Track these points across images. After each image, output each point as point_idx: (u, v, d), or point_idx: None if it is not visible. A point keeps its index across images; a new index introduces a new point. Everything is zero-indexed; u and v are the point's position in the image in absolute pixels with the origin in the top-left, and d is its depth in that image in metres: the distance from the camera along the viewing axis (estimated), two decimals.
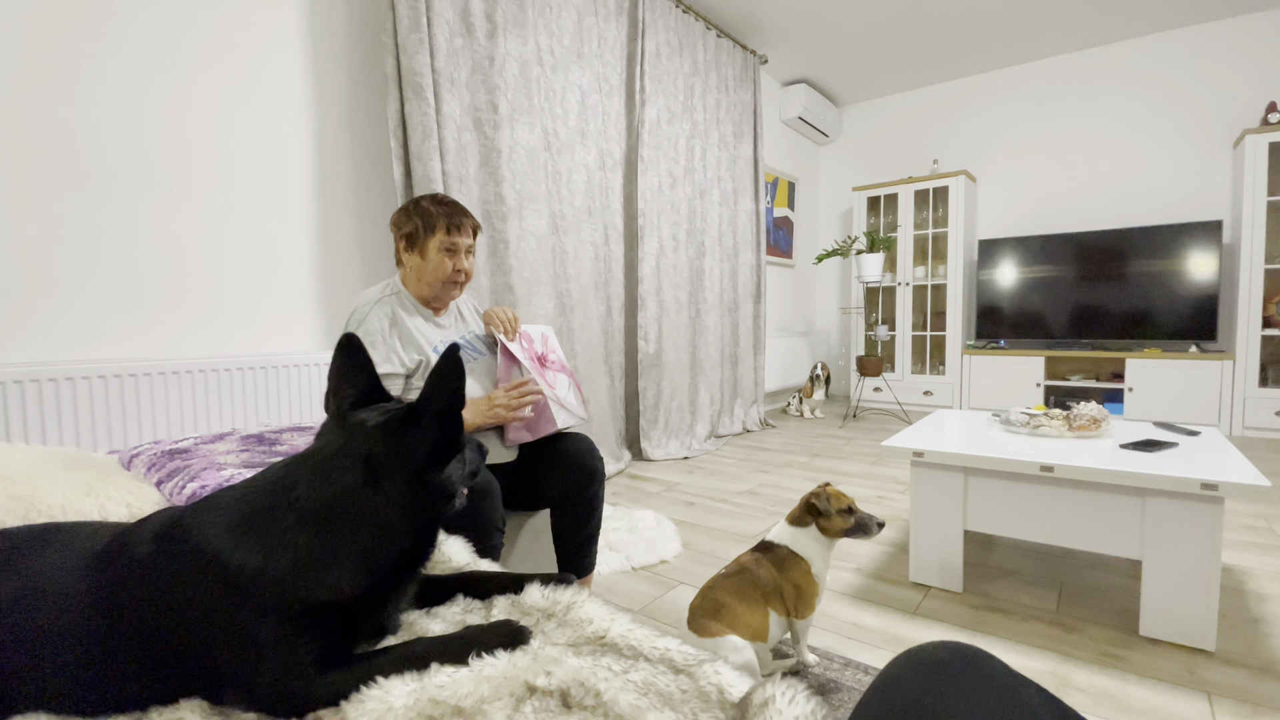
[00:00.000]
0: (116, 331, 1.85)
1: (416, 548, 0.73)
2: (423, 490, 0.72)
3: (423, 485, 0.72)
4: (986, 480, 1.76)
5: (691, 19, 3.78)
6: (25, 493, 1.15)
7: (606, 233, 3.27)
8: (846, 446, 3.72)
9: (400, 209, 1.49)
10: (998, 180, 5.00)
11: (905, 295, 5.00)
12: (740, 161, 4.29)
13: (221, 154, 2.03)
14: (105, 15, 1.78)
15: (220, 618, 0.65)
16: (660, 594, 1.82)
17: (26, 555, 0.72)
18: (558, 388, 1.51)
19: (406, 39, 2.24)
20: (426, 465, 0.72)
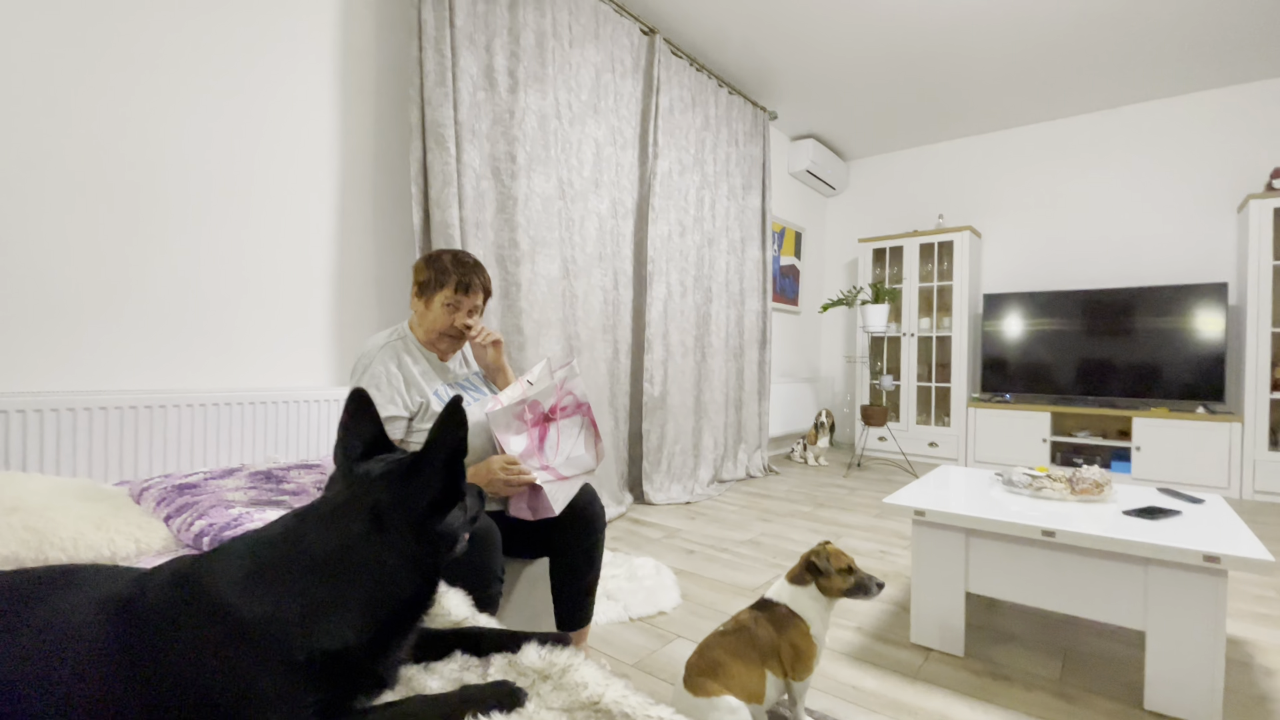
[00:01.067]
0: (133, 362, 1.90)
1: (418, 596, 0.75)
2: (426, 538, 0.74)
3: (426, 533, 0.74)
4: (988, 542, 1.75)
5: (704, 77, 3.94)
6: (39, 525, 1.18)
7: (616, 277, 3.34)
8: (850, 497, 3.70)
9: (425, 256, 1.55)
10: (1003, 236, 5.08)
11: (910, 346, 5.03)
12: (748, 212, 4.40)
13: (246, 191, 2.12)
14: (141, 52, 1.89)
15: (229, 667, 0.66)
16: (657, 647, 1.80)
17: (46, 598, 0.74)
18: (559, 458, 1.46)
19: (432, 92, 2.35)
20: (429, 514, 0.75)
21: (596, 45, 3.17)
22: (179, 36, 1.95)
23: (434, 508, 0.75)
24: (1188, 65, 3.94)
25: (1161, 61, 3.90)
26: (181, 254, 1.98)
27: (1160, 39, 3.64)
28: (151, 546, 1.27)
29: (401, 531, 0.73)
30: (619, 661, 1.71)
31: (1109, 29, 3.54)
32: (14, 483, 1.29)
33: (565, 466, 1.45)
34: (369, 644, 0.72)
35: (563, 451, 1.46)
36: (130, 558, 1.24)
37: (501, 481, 1.35)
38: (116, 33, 1.83)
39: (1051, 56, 3.86)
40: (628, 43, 3.37)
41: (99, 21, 1.80)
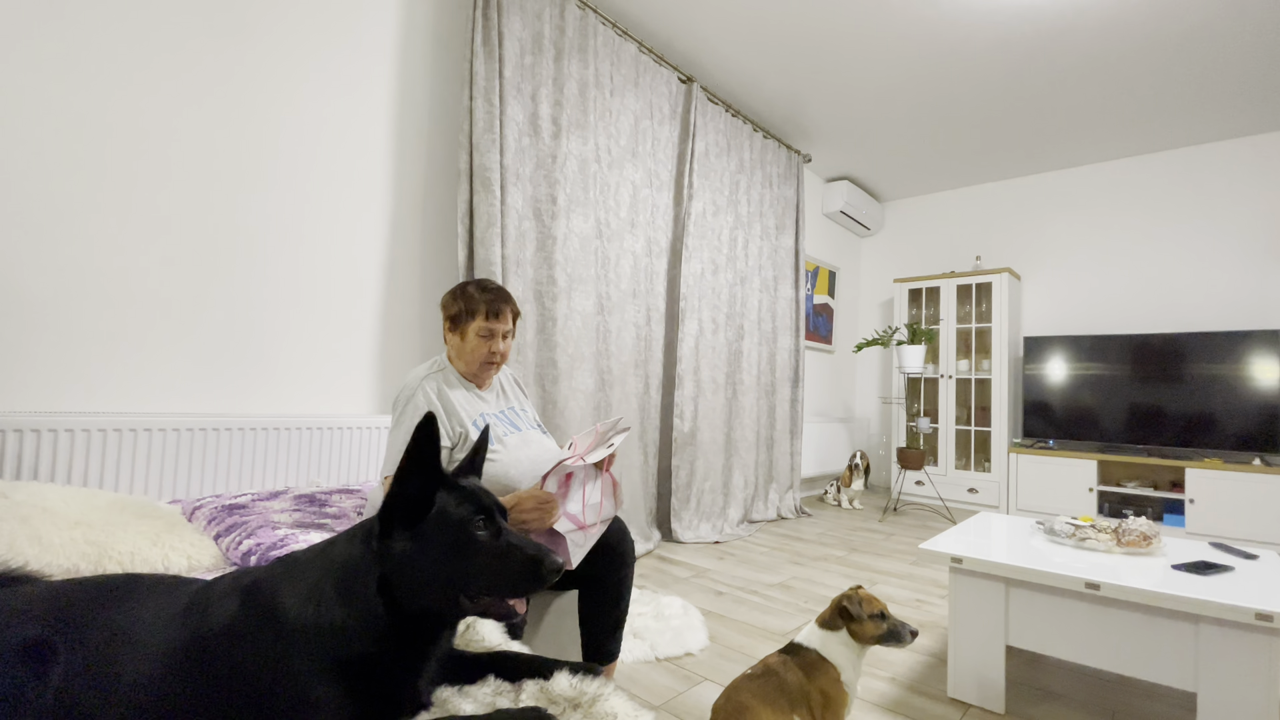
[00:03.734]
0: (190, 386, 2.01)
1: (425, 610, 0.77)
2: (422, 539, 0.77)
3: (419, 536, 0.77)
4: (1029, 593, 1.69)
5: (739, 122, 4.05)
6: (100, 539, 1.25)
7: (649, 314, 3.40)
8: (885, 542, 3.60)
9: (449, 291, 1.61)
10: (1043, 278, 5.00)
11: (948, 388, 4.93)
12: (781, 251, 4.44)
13: (303, 227, 2.25)
14: (213, 93, 2.06)
15: (284, 672, 0.71)
16: (684, 689, 1.77)
17: (113, 605, 0.79)
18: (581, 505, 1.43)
19: (481, 138, 2.49)
20: (406, 519, 0.78)
21: (636, 93, 3.31)
22: (247, 83, 2.11)
23: (405, 516, 0.78)
24: (1236, 109, 3.89)
25: (1206, 106, 3.86)
26: (239, 285, 2.10)
27: (1206, 83, 3.61)
28: (202, 563, 1.34)
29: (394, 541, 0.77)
30: (645, 701, 1.69)
31: (1155, 72, 3.53)
32: (78, 498, 1.38)
33: (589, 514, 1.45)
34: (390, 653, 0.74)
35: (588, 499, 1.46)
36: (182, 572, 1.30)
37: (533, 517, 1.32)
38: (190, 78, 2.00)
39: (1092, 100, 3.86)
40: (666, 90, 3.51)
41: (172, 65, 1.97)
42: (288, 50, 2.20)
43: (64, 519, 1.25)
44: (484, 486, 0.85)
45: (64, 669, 0.72)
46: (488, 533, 0.79)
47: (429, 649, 0.78)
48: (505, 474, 1.44)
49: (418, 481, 0.78)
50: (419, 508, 0.78)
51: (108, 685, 0.72)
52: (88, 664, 0.73)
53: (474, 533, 0.77)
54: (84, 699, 0.71)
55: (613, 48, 3.17)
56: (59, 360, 1.76)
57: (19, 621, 0.74)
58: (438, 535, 0.77)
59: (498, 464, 1.44)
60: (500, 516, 0.82)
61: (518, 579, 0.76)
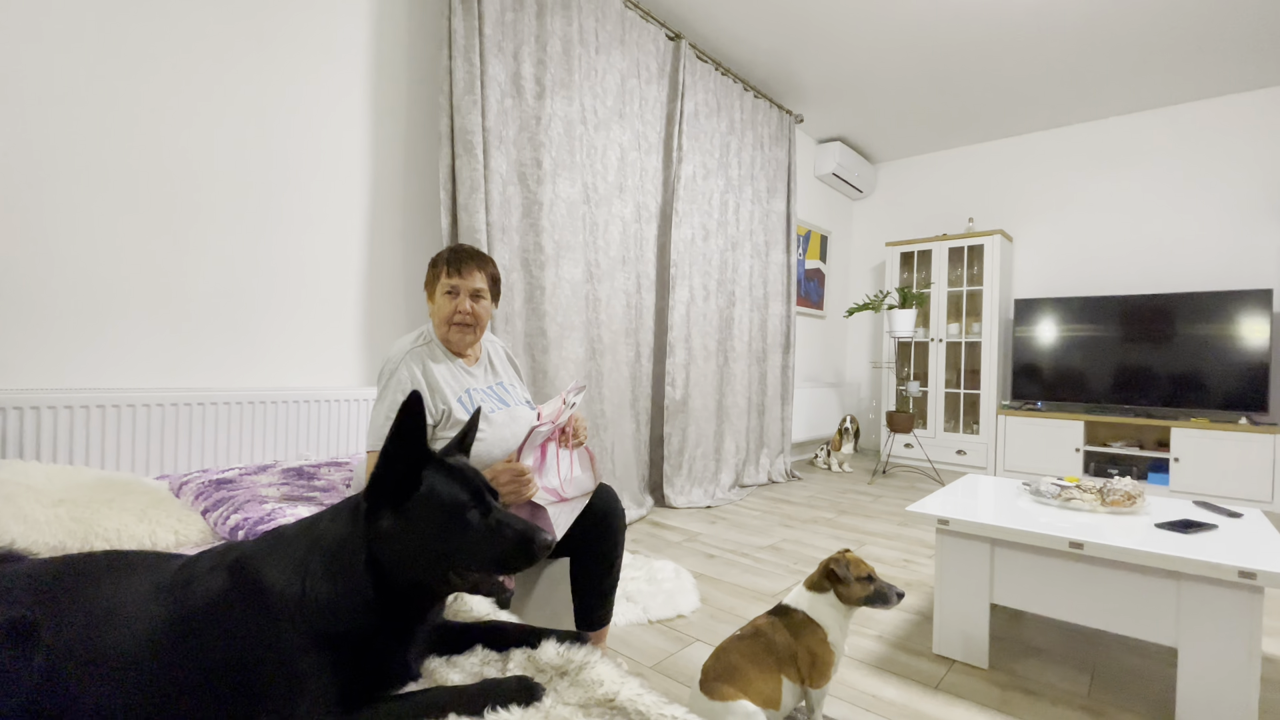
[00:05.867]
0: (175, 361, 1.98)
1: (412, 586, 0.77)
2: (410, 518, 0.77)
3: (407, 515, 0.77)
4: (1014, 553, 1.72)
5: (730, 81, 3.94)
6: (86, 515, 1.24)
7: (639, 281, 3.37)
8: (874, 504, 3.66)
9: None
10: (1035, 240, 4.97)
11: (938, 351, 4.95)
12: (773, 216, 4.38)
13: (282, 198, 2.19)
14: (184, 66, 1.97)
15: (270, 645, 0.71)
16: (675, 650, 1.81)
17: (96, 583, 0.78)
18: (560, 479, 1.43)
19: (461, 100, 2.41)
20: (392, 499, 0.77)
21: (622, 51, 3.20)
22: (218, 50, 2.03)
23: (396, 493, 0.77)
24: (1228, 66, 3.82)
25: (1200, 62, 3.79)
26: (221, 258, 2.06)
27: (1199, 38, 3.53)
28: (190, 538, 1.33)
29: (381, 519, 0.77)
30: (637, 663, 1.72)
31: (1145, 28, 3.44)
32: (62, 475, 1.36)
33: (568, 487, 1.45)
34: (380, 628, 0.75)
35: (563, 472, 1.46)
36: (170, 548, 1.30)
37: (510, 489, 1.32)
38: (162, 49, 1.91)
39: (1085, 56, 3.77)
40: (653, 48, 3.40)
41: (145, 38, 1.88)
42: (260, 15, 2.10)
43: (48, 496, 1.24)
44: (472, 465, 0.84)
45: (48, 648, 0.71)
46: (478, 511, 0.78)
47: (417, 623, 0.79)
48: (490, 452, 1.43)
49: (403, 460, 0.78)
50: (406, 486, 0.77)
51: (93, 662, 0.72)
52: (72, 642, 0.72)
53: (464, 511, 0.77)
54: (69, 677, 0.71)
55: (597, 3, 3.05)
56: (41, 337, 1.72)
57: (1, 602, 0.73)
58: (426, 514, 0.77)
59: (484, 441, 1.42)
60: (490, 495, 0.81)
61: (508, 556, 0.77)
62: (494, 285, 1.60)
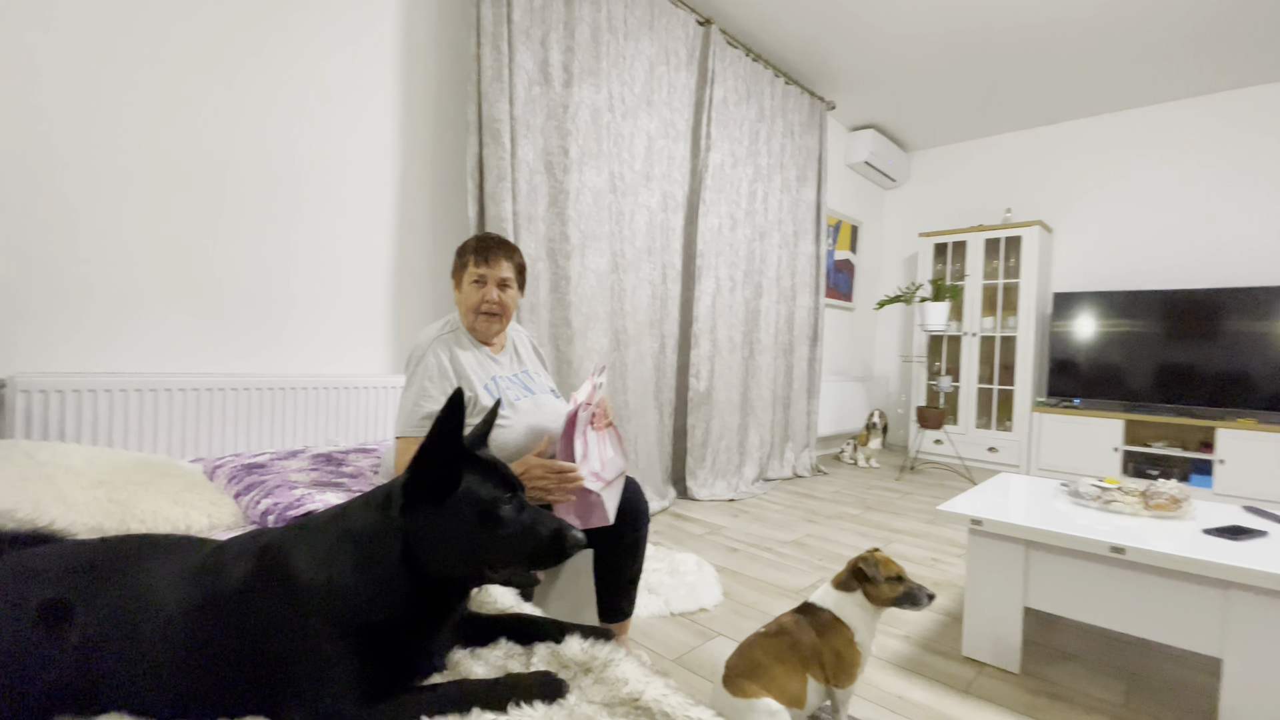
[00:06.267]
0: (209, 347, 2.02)
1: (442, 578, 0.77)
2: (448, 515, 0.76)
3: (444, 512, 0.77)
4: (1050, 556, 1.67)
5: (760, 67, 3.86)
6: (123, 497, 1.27)
7: (665, 271, 3.33)
8: (901, 501, 3.59)
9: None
10: (1076, 231, 4.80)
11: (971, 346, 4.83)
12: (802, 205, 4.30)
13: (311, 185, 2.21)
14: (212, 55, 1.99)
15: (297, 630, 0.71)
16: (698, 644, 1.80)
17: (128, 565, 0.80)
18: (606, 466, 1.42)
19: (489, 88, 2.39)
20: (431, 496, 0.77)
21: (651, 37, 3.15)
22: (249, 39, 2.04)
23: (432, 492, 0.77)
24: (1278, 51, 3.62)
25: (1249, 47, 3.59)
26: (253, 246, 2.08)
27: (1249, 22, 3.34)
28: (222, 521, 1.36)
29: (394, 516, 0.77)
30: (659, 656, 1.72)
31: (1192, 10, 3.27)
32: (101, 458, 1.40)
33: (608, 470, 1.44)
34: (408, 620, 0.75)
35: (602, 455, 1.45)
36: (203, 531, 1.32)
37: (541, 485, 1.30)
38: (196, 43, 1.93)
39: (1129, 40, 3.60)
40: (683, 34, 3.34)
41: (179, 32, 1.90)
42: (291, 5, 2.11)
43: (87, 478, 1.27)
44: (497, 458, 0.84)
45: (81, 629, 0.73)
46: (512, 508, 0.79)
47: (445, 615, 0.79)
48: (515, 439, 1.42)
49: (443, 458, 0.78)
50: (444, 483, 0.78)
51: (124, 644, 0.73)
52: (104, 624, 0.74)
53: (499, 510, 0.78)
54: (101, 658, 0.72)
55: None
56: (82, 323, 1.77)
57: (37, 582, 0.75)
58: (464, 512, 0.77)
59: (509, 428, 1.42)
60: (520, 490, 0.82)
61: (542, 552, 0.78)
62: (520, 274, 1.60)
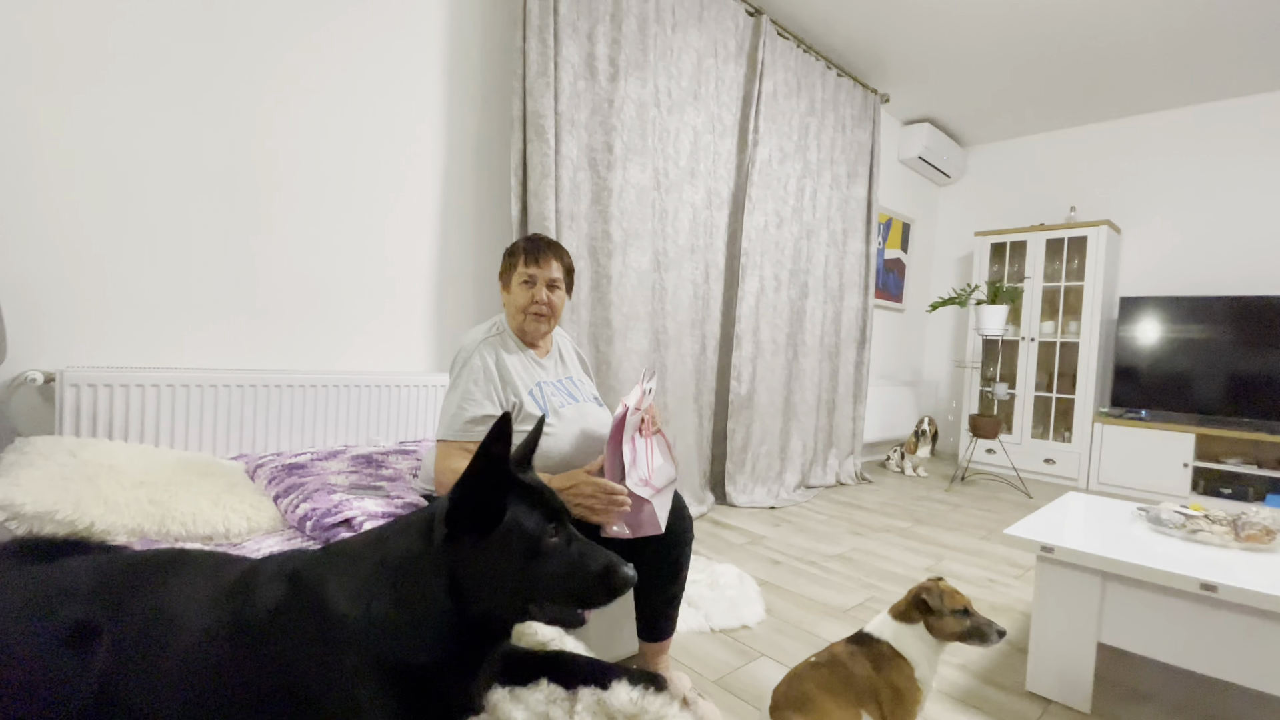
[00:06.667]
0: (251, 343, 2.03)
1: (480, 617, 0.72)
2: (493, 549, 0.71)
3: (489, 545, 0.71)
4: (1130, 590, 1.53)
5: (812, 58, 3.72)
6: (163, 498, 1.26)
7: (707, 270, 3.24)
8: (953, 514, 3.42)
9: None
10: (1146, 232, 4.50)
11: (1029, 351, 4.58)
12: (852, 202, 4.14)
13: (357, 183, 2.19)
14: (263, 58, 1.99)
15: (332, 670, 0.67)
16: (740, 664, 1.72)
17: (158, 584, 0.76)
18: (655, 473, 1.36)
19: (534, 83, 2.34)
20: (476, 527, 0.72)
21: (700, 29, 3.06)
22: (294, 35, 2.03)
23: (476, 522, 0.72)
24: None
25: None
26: (299, 244, 2.09)
27: None
28: (261, 525, 1.34)
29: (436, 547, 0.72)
30: (700, 676, 1.64)
31: None
32: (144, 456, 1.40)
33: (657, 477, 1.37)
34: (449, 660, 0.69)
35: (651, 462, 1.38)
36: (241, 534, 1.31)
37: (586, 504, 1.24)
38: (246, 47, 1.93)
39: (1207, 30, 3.33)
40: (732, 25, 3.23)
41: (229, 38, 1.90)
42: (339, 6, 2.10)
43: (129, 478, 1.26)
44: (543, 482, 0.78)
45: (107, 652, 0.70)
46: (560, 540, 0.74)
47: (487, 654, 0.73)
48: (560, 450, 1.37)
49: (488, 487, 0.72)
50: (489, 513, 0.72)
51: (150, 670, 0.69)
52: (131, 647, 0.70)
53: (546, 543, 0.72)
54: (127, 684, 0.68)
55: None
56: (129, 318, 1.79)
57: (64, 601, 0.72)
58: (509, 545, 0.71)
59: (552, 437, 1.37)
60: (567, 519, 0.76)
61: (590, 590, 0.72)
62: (569, 276, 1.57)
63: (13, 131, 1.59)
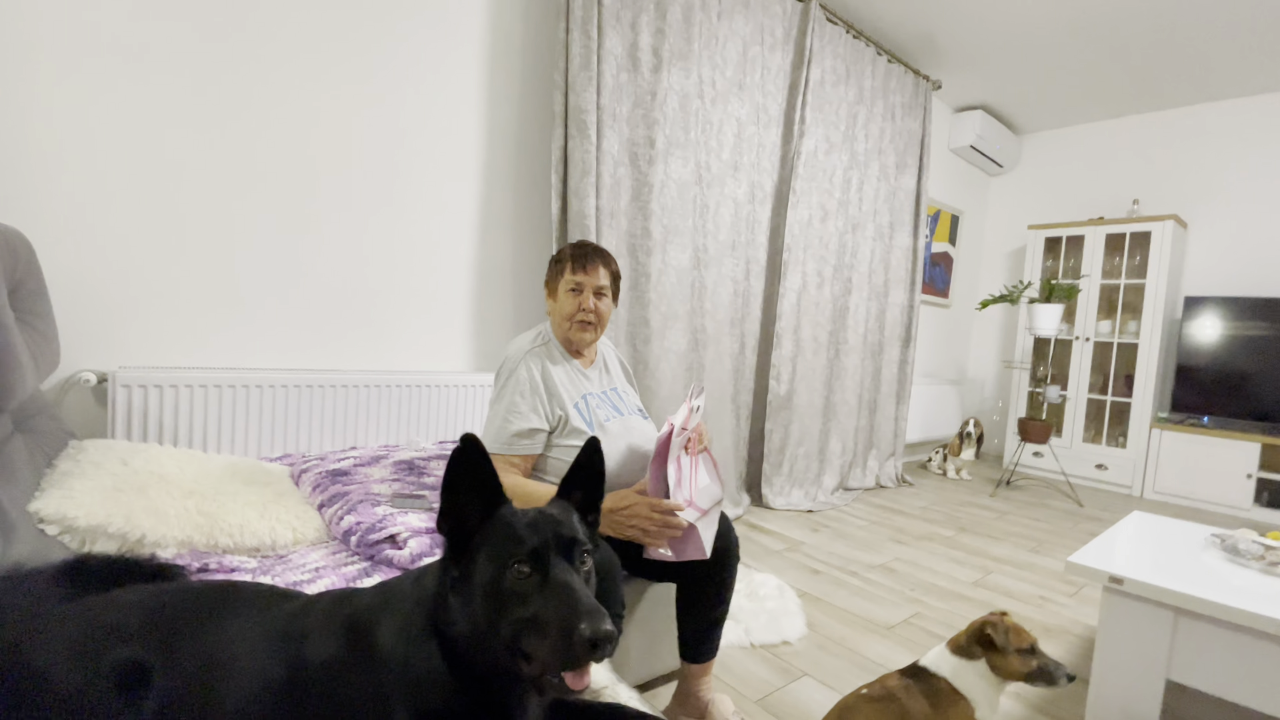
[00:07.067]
0: (295, 343, 2.03)
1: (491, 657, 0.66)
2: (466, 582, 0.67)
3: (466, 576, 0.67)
4: (1205, 627, 1.43)
5: (862, 45, 3.56)
6: (212, 509, 1.26)
7: (748, 267, 3.15)
8: (999, 523, 3.30)
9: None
10: (1214, 228, 4.23)
11: (1084, 352, 4.38)
12: (900, 194, 3.98)
13: (397, 180, 2.17)
14: (307, 59, 1.97)
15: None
16: (782, 684, 1.67)
17: (207, 622, 0.75)
18: (700, 494, 1.32)
19: (576, 76, 2.28)
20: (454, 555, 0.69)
21: (746, 15, 2.94)
22: (336, 34, 2.01)
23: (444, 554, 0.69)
24: None
25: None
26: (337, 243, 2.08)
27: None
28: (306, 536, 1.34)
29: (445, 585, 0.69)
30: (741, 696, 1.61)
31: None
32: (193, 464, 1.41)
33: (702, 498, 1.32)
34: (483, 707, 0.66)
35: (697, 482, 1.34)
36: (287, 545, 1.31)
37: (641, 526, 1.22)
38: (291, 49, 1.92)
39: None
40: (779, 10, 3.10)
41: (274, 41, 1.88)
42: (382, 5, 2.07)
43: (178, 488, 1.27)
44: (557, 514, 0.71)
45: (159, 695, 0.68)
46: (529, 581, 0.63)
47: (515, 708, 0.69)
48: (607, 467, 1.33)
49: (461, 511, 0.68)
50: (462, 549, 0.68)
51: (205, 707, 0.68)
52: (183, 691, 0.69)
53: (506, 585, 0.63)
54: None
55: None
56: (176, 319, 1.81)
57: (114, 640, 0.71)
58: (471, 586, 0.65)
59: None
60: (560, 555, 0.65)
61: (551, 649, 0.59)
62: (615, 282, 1.53)
63: (64, 139, 1.60)
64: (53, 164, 1.59)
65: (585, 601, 0.60)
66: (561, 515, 0.71)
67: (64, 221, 1.61)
